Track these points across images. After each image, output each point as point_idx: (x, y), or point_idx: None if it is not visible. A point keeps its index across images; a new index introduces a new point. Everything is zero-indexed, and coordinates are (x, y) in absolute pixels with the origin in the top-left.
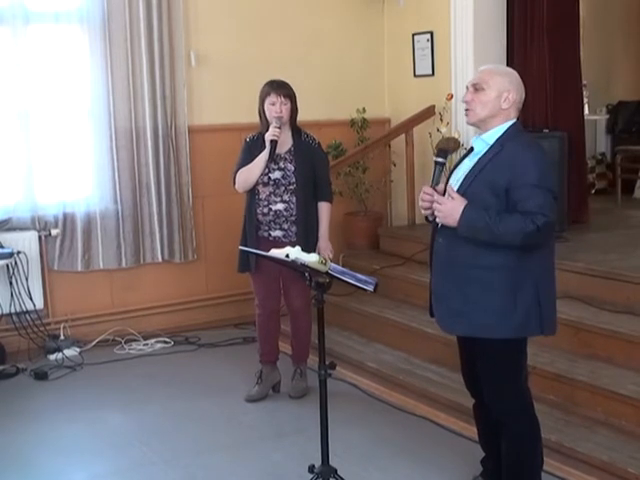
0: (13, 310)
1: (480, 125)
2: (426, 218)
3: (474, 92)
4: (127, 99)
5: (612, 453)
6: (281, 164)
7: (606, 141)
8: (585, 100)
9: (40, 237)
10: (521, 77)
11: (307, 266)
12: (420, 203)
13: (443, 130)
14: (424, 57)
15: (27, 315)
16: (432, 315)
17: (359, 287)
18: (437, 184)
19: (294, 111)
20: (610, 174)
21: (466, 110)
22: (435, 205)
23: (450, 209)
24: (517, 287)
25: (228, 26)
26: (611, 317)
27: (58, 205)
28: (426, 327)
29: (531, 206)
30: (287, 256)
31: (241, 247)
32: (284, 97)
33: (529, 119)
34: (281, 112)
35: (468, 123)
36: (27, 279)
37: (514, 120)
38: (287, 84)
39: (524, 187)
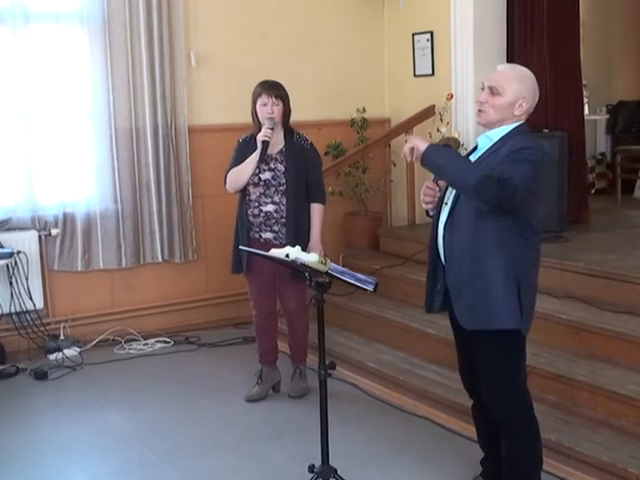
0: (13, 310)
1: (488, 126)
2: (427, 213)
3: (490, 94)
4: (127, 99)
5: (612, 453)
6: (272, 165)
7: (606, 141)
8: (585, 100)
9: (40, 237)
10: None
11: (307, 266)
12: (422, 197)
13: (443, 130)
14: (424, 57)
15: (27, 315)
16: (428, 311)
17: (359, 287)
18: (439, 179)
19: (287, 112)
20: (610, 174)
21: (479, 111)
22: (406, 146)
23: (418, 141)
24: (513, 278)
25: (228, 26)
26: (611, 317)
27: (58, 205)
28: (426, 327)
29: (504, 172)
30: (287, 256)
31: (242, 247)
32: (275, 98)
33: (529, 119)
34: (272, 113)
35: (478, 123)
36: (27, 279)
37: (522, 121)
38: (279, 85)
39: (506, 163)
